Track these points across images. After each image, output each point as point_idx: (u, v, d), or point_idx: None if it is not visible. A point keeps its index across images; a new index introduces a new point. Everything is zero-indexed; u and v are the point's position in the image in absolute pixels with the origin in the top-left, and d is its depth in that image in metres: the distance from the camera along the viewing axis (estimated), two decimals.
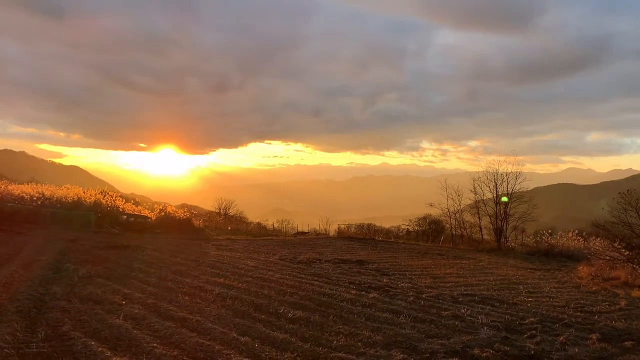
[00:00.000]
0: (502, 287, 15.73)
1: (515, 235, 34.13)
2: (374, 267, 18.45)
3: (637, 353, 9.03)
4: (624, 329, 10.85)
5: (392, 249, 26.95)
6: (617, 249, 20.62)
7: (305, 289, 12.81)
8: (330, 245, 26.77)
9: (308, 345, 8.12)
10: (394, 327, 9.56)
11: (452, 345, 8.64)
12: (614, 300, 14.50)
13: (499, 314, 11.46)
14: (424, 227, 41.76)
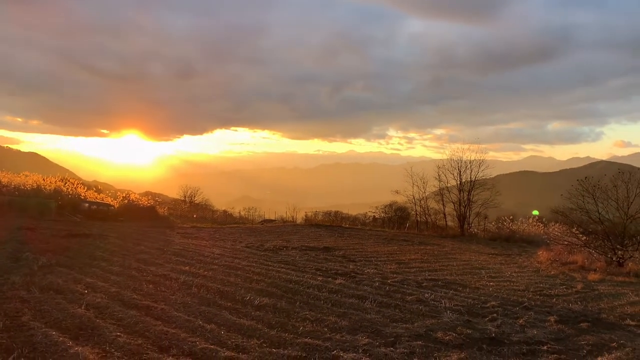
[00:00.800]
0: (465, 272, 16.10)
1: (478, 222, 34.90)
2: (341, 253, 18.60)
3: (592, 333, 9.41)
4: (580, 311, 11.28)
5: (359, 235, 27.20)
6: (574, 234, 21.36)
7: (271, 276, 12.82)
8: (297, 232, 26.83)
9: (274, 331, 8.15)
10: (359, 313, 9.68)
11: (416, 329, 8.82)
12: (571, 284, 15.04)
13: (462, 298, 11.73)
14: (390, 214, 42.24)
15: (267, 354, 7.05)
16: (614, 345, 8.69)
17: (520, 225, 31.93)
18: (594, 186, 20.22)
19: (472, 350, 7.92)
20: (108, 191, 35.55)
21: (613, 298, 13.25)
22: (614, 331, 9.72)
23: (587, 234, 20.84)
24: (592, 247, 20.12)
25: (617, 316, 11.02)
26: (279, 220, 38.91)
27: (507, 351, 8.03)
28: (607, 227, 20.03)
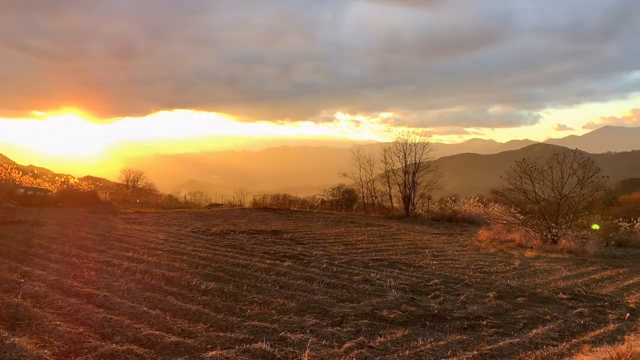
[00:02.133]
0: (409, 251, 16.52)
1: (422, 203, 35.74)
2: (289, 236, 18.64)
3: (528, 307, 9.90)
4: (517, 287, 11.84)
5: (307, 218, 27.32)
6: (513, 213, 22.30)
7: (218, 260, 12.70)
8: (245, 216, 26.64)
9: (221, 315, 8.11)
10: (307, 294, 9.76)
11: (362, 308, 9.00)
12: (509, 261, 15.73)
13: (406, 277, 12.05)
14: (338, 197, 42.60)
15: (214, 337, 7.01)
16: (547, 318, 9.20)
17: (462, 205, 32.99)
18: (531, 168, 21.12)
19: (416, 327, 8.17)
20: (45, 176, 33.93)
21: (547, 273, 13.97)
22: (548, 305, 10.27)
23: (524, 213, 21.81)
24: (529, 226, 21.09)
25: (551, 290, 11.65)
26: (227, 205, 38.47)
27: (449, 327, 8.33)
28: (542, 206, 21.02)
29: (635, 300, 11.12)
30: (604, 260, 17.00)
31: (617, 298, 11.33)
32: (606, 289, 12.38)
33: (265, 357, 6.39)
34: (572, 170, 20.32)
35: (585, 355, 6.63)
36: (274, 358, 6.37)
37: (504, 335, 8.01)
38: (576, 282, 12.86)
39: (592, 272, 14.57)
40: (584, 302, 10.62)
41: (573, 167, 20.31)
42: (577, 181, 20.23)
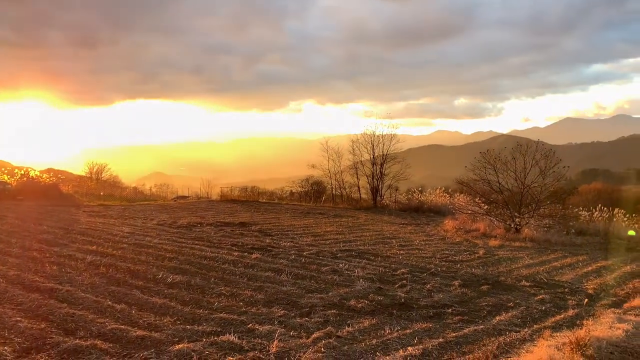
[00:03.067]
0: (377, 242, 16.68)
1: (390, 194, 36.07)
2: (257, 228, 18.56)
3: (492, 295, 10.15)
4: (481, 275, 12.11)
5: (276, 210, 27.25)
6: (477, 203, 22.73)
7: (185, 253, 12.56)
8: (213, 208, 26.38)
9: (188, 308, 8.04)
10: (275, 285, 9.76)
11: (330, 299, 9.05)
12: (474, 250, 16.05)
13: (374, 267, 12.17)
14: (306, 188, 42.61)
15: (181, 330, 6.94)
16: (510, 305, 9.44)
17: (429, 196, 33.46)
18: (495, 158, 21.56)
19: (383, 316, 8.27)
20: (4, 168, 32.86)
21: (511, 262, 14.32)
22: (511, 292, 10.54)
23: (488, 203, 22.26)
24: (493, 216, 21.56)
25: (514, 278, 11.95)
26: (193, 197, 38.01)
27: (415, 315, 8.46)
28: (506, 196, 21.50)
29: (594, 287, 11.53)
30: (565, 248, 17.54)
31: (577, 285, 11.71)
32: (566, 276, 12.77)
33: (233, 348, 6.36)
34: (534, 161, 20.82)
35: (546, 341, 6.82)
36: (241, 350, 6.34)
37: (469, 322, 8.19)
38: (538, 270, 13.23)
39: (553, 260, 15.01)
40: (546, 289, 10.94)
41: (535, 158, 20.81)
42: (540, 171, 20.75)
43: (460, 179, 23.77)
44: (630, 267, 14.27)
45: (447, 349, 6.79)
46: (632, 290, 11.29)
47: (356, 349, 6.62)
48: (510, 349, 6.83)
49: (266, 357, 6.17)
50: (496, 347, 6.91)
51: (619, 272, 13.48)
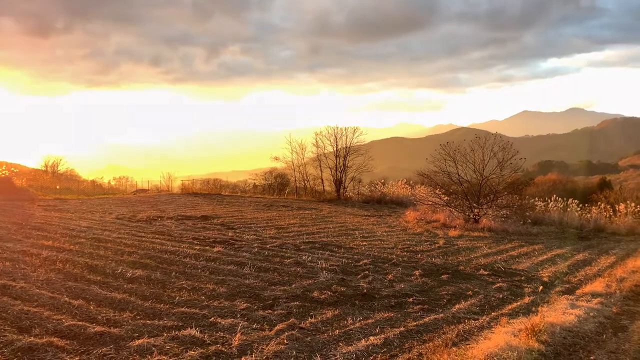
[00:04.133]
0: (340, 233, 16.78)
1: (353, 186, 36.31)
2: (219, 221, 18.38)
3: (452, 284, 10.36)
4: (441, 264, 12.35)
5: (238, 203, 27.05)
6: (438, 195, 23.13)
7: (145, 247, 12.32)
8: (173, 202, 25.98)
9: (149, 303, 7.90)
10: (238, 279, 9.70)
11: (293, 291, 9.06)
12: (434, 240, 16.35)
13: (337, 258, 12.25)
14: (270, 181, 42.44)
15: (141, 326, 6.82)
16: (469, 294, 9.67)
17: (391, 188, 33.86)
18: (455, 150, 21.98)
19: (346, 307, 8.34)
20: None
21: (470, 251, 14.66)
22: (470, 281, 10.80)
23: (448, 194, 22.69)
24: (453, 206, 22.00)
25: (472, 267, 12.24)
26: (154, 190, 37.33)
27: (377, 305, 8.56)
28: (465, 187, 21.96)
29: (549, 274, 11.93)
30: (521, 238, 18.06)
31: (532, 273, 12.09)
32: (523, 264, 13.17)
33: (195, 343, 6.30)
34: (492, 153, 21.33)
35: (503, 327, 7.03)
36: (203, 344, 6.29)
37: (429, 311, 8.34)
38: (496, 259, 13.59)
39: (510, 249, 15.44)
40: (503, 278, 11.25)
41: (493, 150, 21.32)
42: (497, 163, 21.28)
43: (421, 171, 24.12)
44: (583, 255, 14.84)
45: (408, 338, 6.91)
46: (584, 278, 11.74)
47: (319, 340, 6.66)
48: (469, 336, 7.00)
49: (228, 351, 6.13)
50: (455, 334, 7.07)
51: (572, 260, 13.99)
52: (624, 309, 8.60)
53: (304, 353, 6.19)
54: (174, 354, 5.93)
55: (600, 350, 6.42)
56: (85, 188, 38.21)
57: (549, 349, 6.21)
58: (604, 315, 8.08)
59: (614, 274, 11.50)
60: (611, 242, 18.14)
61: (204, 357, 5.91)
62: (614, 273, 11.75)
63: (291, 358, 6.02)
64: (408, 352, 6.33)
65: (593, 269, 12.85)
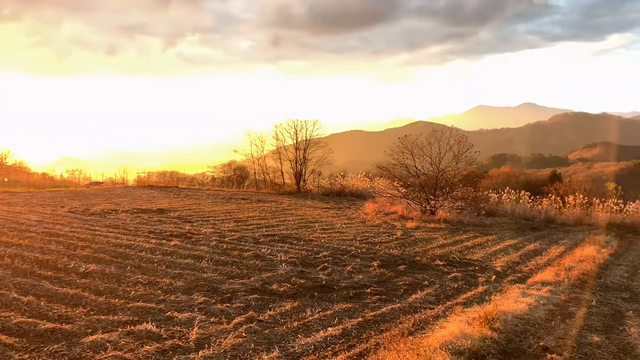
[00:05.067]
0: (300, 226, 16.80)
1: (313, 179, 36.39)
2: (176, 215, 18.07)
3: (409, 274, 10.55)
4: (399, 255, 12.55)
5: (196, 196, 26.66)
6: (396, 187, 23.46)
7: (99, 241, 11.99)
8: (129, 194, 25.37)
9: (103, 298, 7.71)
10: (195, 272, 9.58)
11: (252, 284, 9.02)
12: (392, 232, 16.59)
13: (297, 251, 12.27)
14: (229, 174, 42.03)
15: (95, 321, 6.66)
16: (425, 283, 9.87)
17: (350, 180, 34.12)
18: (412, 144, 22.33)
19: (305, 299, 8.37)
20: None
21: (426, 242, 14.96)
22: (426, 271, 11.02)
23: (406, 186, 23.05)
24: (410, 198, 22.37)
25: (429, 258, 12.50)
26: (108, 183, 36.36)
27: (336, 296, 8.64)
28: (422, 180, 22.36)
29: (501, 264, 12.31)
30: (476, 229, 18.56)
31: (486, 263, 12.45)
32: (477, 254, 13.54)
33: (151, 337, 6.19)
34: (448, 146, 21.79)
35: (458, 316, 7.22)
36: (160, 338, 6.19)
37: (387, 301, 8.48)
38: (451, 250, 13.92)
39: (465, 240, 15.84)
40: (458, 268, 11.55)
41: (449, 143, 21.78)
42: (453, 156, 21.75)
43: (380, 163, 24.39)
44: (534, 246, 15.39)
45: (365, 328, 7.00)
46: (535, 267, 12.19)
47: (277, 332, 6.67)
48: (424, 325, 7.15)
49: (185, 345, 6.06)
50: (412, 324, 7.22)
51: (524, 250, 14.49)
52: (571, 297, 8.97)
53: (262, 345, 6.19)
54: (130, 349, 5.82)
55: (549, 337, 6.67)
56: (36, 181, 36.87)
57: (501, 336, 6.41)
58: (553, 303, 8.41)
59: (563, 263, 11.97)
60: (560, 233, 18.87)
61: (160, 352, 5.83)
62: (562, 262, 12.23)
63: (249, 351, 6.00)
64: (365, 342, 6.42)
65: (543, 259, 13.35)
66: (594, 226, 20.95)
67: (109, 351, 5.71)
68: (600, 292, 9.73)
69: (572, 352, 6.11)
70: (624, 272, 11.95)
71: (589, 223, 21.49)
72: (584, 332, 6.99)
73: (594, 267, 11.77)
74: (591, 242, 14.87)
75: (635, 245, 16.50)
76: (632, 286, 10.42)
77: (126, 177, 36.93)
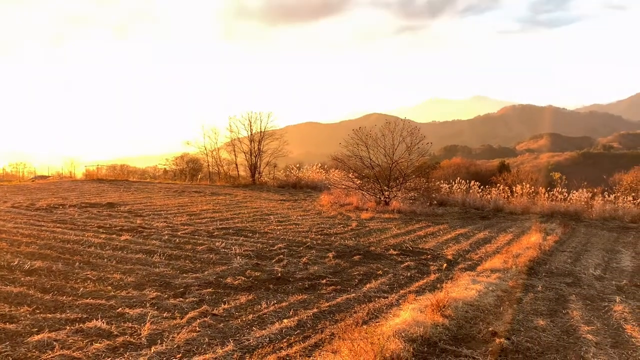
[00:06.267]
0: (255, 218, 16.69)
1: (268, 171, 36.27)
2: (127, 209, 17.60)
3: (363, 264, 10.68)
4: (353, 246, 12.68)
5: (148, 189, 26.03)
6: (351, 179, 23.67)
7: (45, 237, 11.54)
8: (77, 188, 24.50)
9: (50, 295, 7.43)
10: (147, 267, 9.37)
11: (206, 277, 8.91)
12: (347, 223, 16.74)
13: (252, 244, 12.19)
14: (181, 166, 41.29)
15: (41, 320, 6.42)
16: (379, 273, 10.02)
17: (306, 172, 34.18)
18: (367, 135, 22.56)
19: (260, 291, 8.34)
20: None
21: (380, 232, 15.17)
22: (380, 260, 11.19)
23: (361, 178, 23.30)
24: (365, 190, 22.63)
25: (383, 248, 12.69)
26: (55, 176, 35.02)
27: (291, 288, 8.65)
28: (377, 171, 22.65)
29: (452, 252, 12.64)
30: (428, 219, 18.97)
31: (438, 251, 12.75)
32: (429, 243, 13.84)
33: (101, 335, 6.02)
34: (401, 138, 22.14)
35: (411, 304, 7.36)
36: (110, 335, 6.03)
37: (342, 291, 8.56)
38: (404, 239, 14.18)
39: (417, 230, 16.16)
40: (411, 257, 11.78)
41: (402, 135, 22.14)
42: (406, 148, 22.13)
43: (335, 155, 24.52)
44: (483, 234, 15.87)
45: (320, 319, 7.05)
46: (484, 255, 12.58)
47: (232, 326, 6.62)
48: (378, 314, 7.27)
49: (137, 341, 5.93)
50: (366, 313, 7.32)
51: (474, 239, 14.92)
52: (519, 283, 9.31)
53: (216, 339, 6.13)
54: (78, 347, 5.64)
55: (498, 322, 6.91)
56: None
57: (452, 323, 6.59)
58: (501, 289, 8.70)
59: (511, 251, 12.40)
60: (508, 221, 19.53)
61: (111, 350, 5.68)
62: (510, 250, 12.67)
63: (203, 345, 5.94)
64: (320, 333, 6.46)
65: (492, 247, 13.79)
66: (540, 214, 21.79)
67: (56, 350, 5.52)
68: (546, 277, 10.14)
69: (519, 336, 6.35)
70: (568, 257, 12.50)
71: (535, 211, 22.34)
72: (530, 317, 7.28)
73: (540, 253, 12.26)
74: (537, 230, 15.45)
75: (577, 232, 17.28)
76: (575, 271, 10.91)
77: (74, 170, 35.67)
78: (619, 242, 15.72)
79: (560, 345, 6.17)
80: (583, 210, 21.97)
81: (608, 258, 12.86)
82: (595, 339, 6.45)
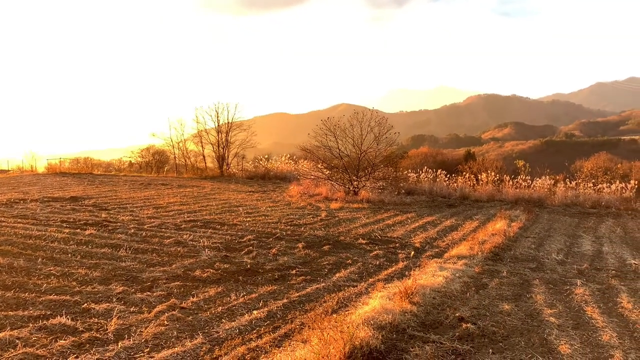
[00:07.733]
0: (223, 210, 16.55)
1: (236, 162, 35.96)
2: (91, 202, 17.21)
3: (333, 254, 10.73)
4: (323, 236, 12.72)
5: (113, 182, 25.50)
6: (320, 169, 23.69)
7: (5, 232, 11.19)
8: (39, 182, 23.81)
9: (11, 292, 7.22)
10: (113, 262, 9.20)
11: (174, 271, 8.81)
12: (317, 213, 16.77)
13: (220, 236, 12.09)
14: (147, 159, 40.54)
15: (3, 318, 6.24)
16: (349, 262, 10.09)
17: (275, 163, 34.04)
18: (335, 125, 22.58)
19: (229, 283, 8.29)
20: None
21: (349, 222, 15.25)
22: (350, 250, 11.26)
23: (330, 168, 23.34)
24: (334, 180, 22.69)
25: (352, 237, 12.76)
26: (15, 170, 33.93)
27: (261, 279, 8.62)
28: (345, 161, 22.72)
29: (420, 240, 12.81)
30: (396, 207, 19.17)
31: (406, 240, 12.91)
32: (397, 232, 13.99)
33: (66, 331, 5.90)
34: (369, 128, 22.24)
35: (380, 292, 7.44)
36: (75, 331, 5.91)
37: (311, 281, 8.59)
38: (373, 228, 14.29)
39: (386, 219, 16.31)
40: (380, 245, 11.89)
41: (370, 125, 22.24)
42: (374, 137, 22.24)
43: (303, 146, 24.47)
44: (450, 222, 16.13)
45: (290, 309, 7.06)
46: (451, 242, 12.79)
47: (201, 318, 6.57)
48: (348, 303, 7.32)
49: (104, 337, 5.83)
50: (336, 302, 7.36)
51: (441, 227, 15.16)
52: (484, 269, 9.52)
53: (185, 332, 6.08)
54: (42, 345, 5.51)
55: (464, 307, 7.05)
56: None
57: (420, 309, 6.70)
58: (467, 275, 8.88)
59: (477, 238, 12.64)
60: (474, 209, 19.90)
61: (76, 346, 5.56)
62: (476, 237, 12.92)
63: (172, 339, 5.88)
64: (290, 323, 6.47)
65: (459, 234, 14.04)
66: (504, 202, 22.28)
67: (19, 348, 5.38)
68: (511, 263, 10.39)
69: (485, 321, 6.50)
70: (531, 243, 12.83)
71: (500, 199, 22.83)
72: (495, 302, 7.45)
73: (505, 240, 12.54)
74: (502, 217, 15.80)
75: (541, 219, 17.74)
76: (539, 256, 11.21)
77: (35, 164, 34.60)
78: (580, 227, 16.22)
79: (525, 329, 6.34)
80: (546, 197, 22.56)
81: (570, 243, 13.25)
82: (558, 321, 6.66)
